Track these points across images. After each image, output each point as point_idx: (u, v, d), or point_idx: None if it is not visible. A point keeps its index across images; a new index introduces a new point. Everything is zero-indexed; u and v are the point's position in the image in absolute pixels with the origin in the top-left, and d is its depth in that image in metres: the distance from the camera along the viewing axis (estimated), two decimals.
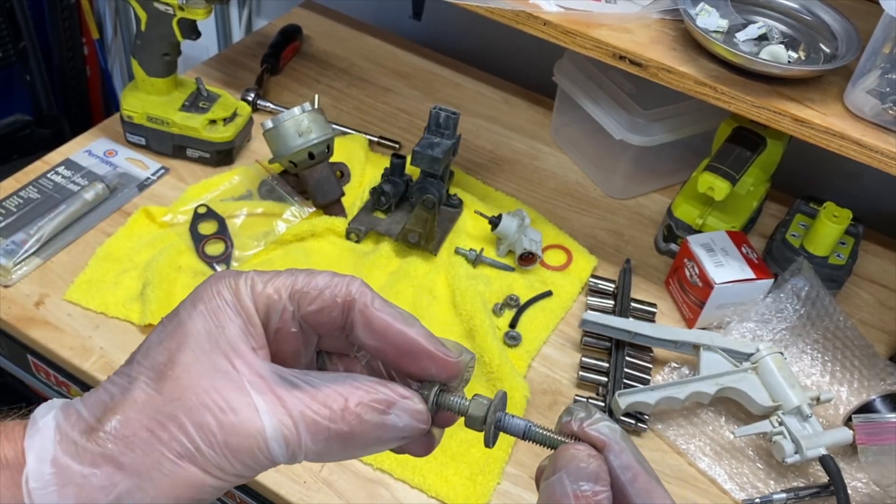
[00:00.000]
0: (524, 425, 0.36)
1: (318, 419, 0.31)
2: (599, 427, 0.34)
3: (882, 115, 0.81)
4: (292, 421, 0.31)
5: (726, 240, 0.97)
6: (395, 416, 0.33)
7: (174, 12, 0.99)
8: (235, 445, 0.30)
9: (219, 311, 0.32)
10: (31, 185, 1.04)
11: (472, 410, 0.35)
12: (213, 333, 0.32)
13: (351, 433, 0.32)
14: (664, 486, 0.34)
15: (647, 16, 0.92)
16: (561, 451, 0.34)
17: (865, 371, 0.93)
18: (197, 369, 0.31)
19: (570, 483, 0.32)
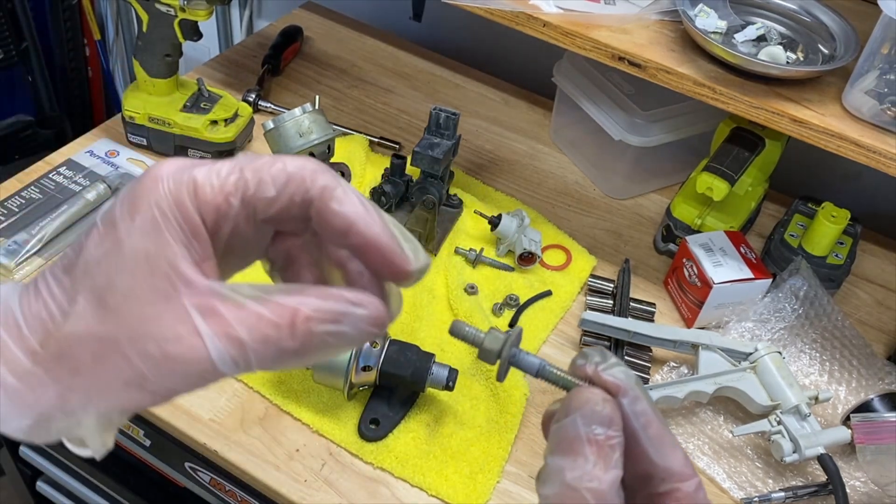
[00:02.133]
0: (538, 363, 0.35)
1: (265, 337, 0.30)
2: (614, 372, 0.33)
3: (880, 115, 0.81)
4: (238, 342, 0.29)
5: (725, 240, 0.97)
6: (348, 325, 0.31)
7: (176, 13, 0.99)
8: (182, 371, 0.29)
9: (158, 228, 0.30)
10: (32, 185, 1.05)
11: (486, 343, 0.34)
12: (152, 254, 0.30)
13: (302, 347, 0.30)
14: (674, 435, 0.33)
15: (646, 17, 0.93)
16: (575, 394, 0.33)
17: (864, 370, 0.93)
18: (137, 296, 0.29)
19: (584, 426, 0.31)
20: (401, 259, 0.32)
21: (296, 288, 0.31)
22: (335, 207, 0.31)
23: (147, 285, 0.30)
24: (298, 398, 0.85)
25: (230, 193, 0.31)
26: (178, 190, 0.30)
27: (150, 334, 0.29)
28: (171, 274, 0.30)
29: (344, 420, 0.84)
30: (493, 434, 0.84)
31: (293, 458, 0.81)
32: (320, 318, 0.30)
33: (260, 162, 0.31)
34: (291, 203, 0.31)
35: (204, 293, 0.30)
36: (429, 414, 0.85)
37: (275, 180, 0.31)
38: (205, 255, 0.31)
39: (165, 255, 0.30)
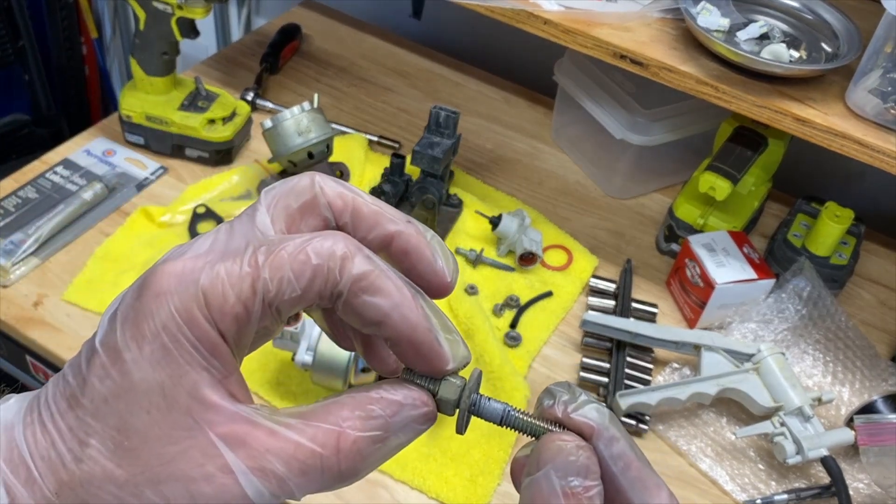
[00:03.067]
0: (502, 409, 0.32)
1: (306, 468, 0.27)
2: (586, 411, 0.30)
3: (884, 114, 0.81)
4: (275, 476, 0.27)
5: (728, 240, 0.97)
6: (397, 435, 0.28)
7: (173, 11, 0.98)
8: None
9: (170, 355, 0.26)
10: (29, 184, 1.04)
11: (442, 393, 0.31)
12: (167, 387, 0.26)
13: (353, 469, 0.28)
14: (656, 473, 0.31)
15: (648, 15, 0.92)
16: (545, 443, 0.30)
17: (867, 371, 0.92)
18: (156, 435, 0.26)
19: (559, 479, 0.29)
20: (437, 357, 0.29)
21: (333, 403, 0.28)
22: (367, 300, 0.28)
23: (167, 422, 0.26)
24: (297, 400, 0.84)
25: (248, 300, 0.27)
26: (187, 307, 0.26)
27: (175, 475, 0.26)
28: (193, 404, 0.27)
29: None
30: (494, 437, 0.83)
31: None
32: (369, 438, 0.28)
33: (281, 255, 0.27)
34: (319, 298, 0.28)
35: (233, 420, 0.27)
36: None
37: (299, 277, 0.27)
38: (228, 371, 0.27)
39: (183, 385, 0.26)
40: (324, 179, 0.30)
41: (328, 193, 0.30)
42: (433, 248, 0.31)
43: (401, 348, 0.29)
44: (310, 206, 0.30)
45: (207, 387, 0.27)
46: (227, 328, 0.27)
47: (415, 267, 0.30)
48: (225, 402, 0.27)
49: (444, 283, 0.31)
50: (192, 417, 0.26)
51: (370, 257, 0.28)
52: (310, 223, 0.30)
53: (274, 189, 0.30)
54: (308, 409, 0.28)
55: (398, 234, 0.30)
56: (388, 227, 0.30)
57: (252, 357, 0.86)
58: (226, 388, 0.27)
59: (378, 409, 0.28)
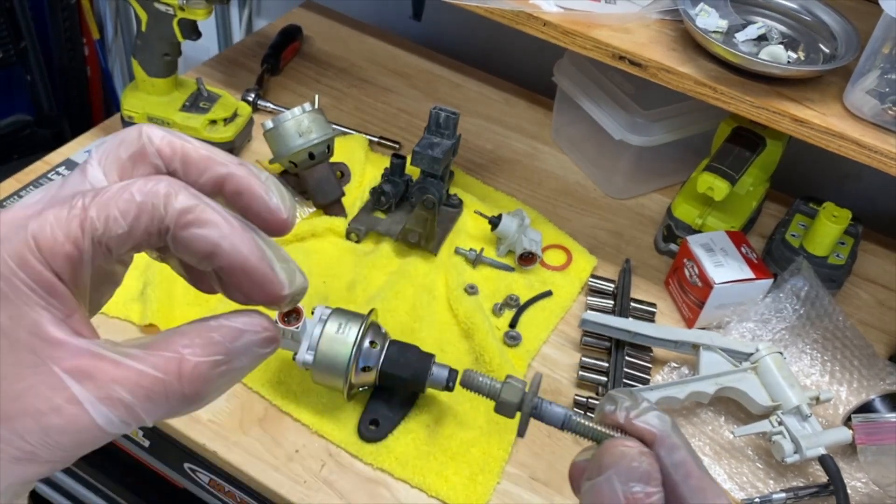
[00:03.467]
0: (563, 414, 0.32)
1: (151, 393, 0.28)
2: (648, 418, 0.31)
3: (881, 115, 0.81)
4: (123, 403, 0.27)
5: (726, 240, 0.97)
6: (240, 358, 0.29)
7: (175, 12, 0.99)
8: (71, 441, 0.27)
9: (7, 298, 0.27)
10: (31, 185, 1.04)
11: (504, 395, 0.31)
12: (8, 328, 0.27)
13: (197, 393, 0.29)
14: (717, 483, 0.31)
15: (647, 16, 0.93)
16: (608, 448, 0.30)
17: (865, 371, 0.93)
18: (2, 374, 0.27)
19: (620, 484, 0.29)
20: (272, 284, 0.30)
21: (174, 332, 0.29)
22: (195, 232, 0.28)
23: (11, 360, 0.27)
24: (298, 399, 0.85)
25: (77, 239, 0.28)
26: (19, 250, 0.27)
27: (25, 410, 0.27)
28: (37, 342, 0.27)
29: (343, 421, 0.84)
30: (494, 435, 0.84)
31: (292, 458, 0.81)
32: (210, 363, 0.29)
33: (105, 195, 0.28)
34: (148, 234, 0.29)
35: (77, 354, 0.28)
36: (429, 415, 0.85)
37: (124, 214, 0.28)
38: (69, 309, 0.28)
39: (23, 324, 0.27)
40: (151, 129, 0.31)
41: (156, 142, 0.31)
42: (267, 187, 0.31)
43: (236, 279, 0.30)
44: (139, 155, 0.31)
45: (49, 324, 0.28)
46: (61, 268, 0.28)
47: (250, 207, 0.31)
48: (68, 337, 0.28)
49: (280, 219, 0.31)
50: (37, 354, 0.27)
51: (196, 195, 0.29)
52: (141, 172, 0.31)
53: (104, 142, 0.31)
54: (151, 340, 0.29)
55: (229, 175, 0.31)
56: (218, 170, 0.31)
57: None
58: (69, 325, 0.28)
59: (217, 336, 0.29)
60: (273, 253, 0.30)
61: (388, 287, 0.96)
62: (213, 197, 0.30)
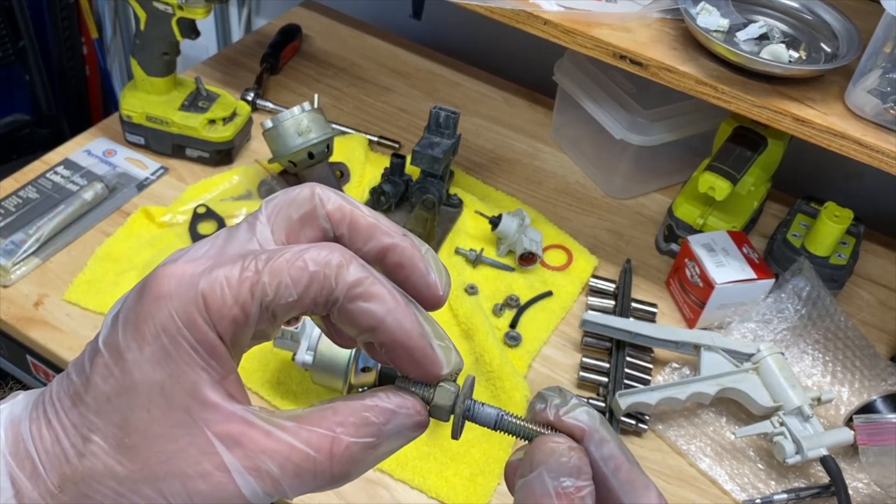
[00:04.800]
0: (496, 414, 0.33)
1: (300, 470, 0.28)
2: (577, 414, 0.31)
3: (883, 114, 0.81)
4: (271, 478, 0.27)
5: (727, 240, 0.97)
6: (390, 441, 0.29)
7: (173, 11, 0.99)
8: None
9: (170, 356, 0.27)
10: (30, 184, 1.04)
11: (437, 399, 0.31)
12: (167, 387, 0.27)
13: (344, 473, 0.28)
14: (646, 474, 0.32)
15: (648, 15, 0.92)
16: (538, 445, 0.31)
17: (866, 371, 0.93)
18: (156, 433, 0.27)
19: (551, 479, 0.30)
20: (431, 363, 0.30)
21: (328, 408, 0.29)
22: (361, 306, 0.28)
23: (166, 420, 0.27)
24: (297, 399, 0.84)
25: (246, 304, 0.28)
26: (187, 309, 0.27)
27: (173, 473, 0.27)
28: (192, 403, 0.27)
29: None
30: (494, 436, 0.83)
31: None
32: (362, 445, 0.28)
33: (279, 262, 0.28)
34: (315, 304, 0.29)
35: (229, 419, 0.27)
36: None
37: (296, 283, 0.28)
38: (226, 371, 0.28)
39: (182, 384, 0.27)
40: (324, 191, 0.31)
41: (327, 205, 0.31)
42: (427, 261, 0.31)
43: (395, 354, 0.30)
44: (309, 217, 0.30)
45: (206, 386, 0.27)
46: (225, 330, 0.28)
47: (408, 279, 0.31)
48: (223, 401, 0.28)
49: (436, 295, 0.31)
50: (191, 416, 0.27)
51: (364, 266, 0.29)
52: (308, 234, 0.31)
53: (275, 199, 0.31)
54: (304, 413, 0.29)
55: (393, 246, 0.31)
56: (383, 240, 0.31)
57: (252, 357, 0.86)
58: (224, 388, 0.28)
59: (372, 417, 0.29)
60: (432, 330, 0.30)
61: None
62: (371, 264, 0.30)
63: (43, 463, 0.28)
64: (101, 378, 0.28)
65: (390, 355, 0.30)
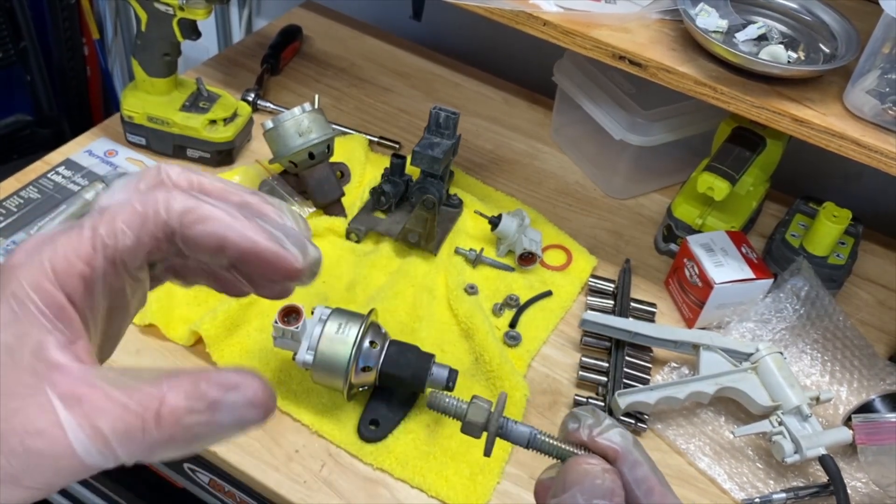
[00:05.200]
0: (529, 433, 0.33)
1: (128, 429, 0.28)
2: (611, 436, 0.32)
3: (881, 115, 0.81)
4: (102, 435, 0.27)
5: (726, 240, 0.97)
6: (223, 413, 0.29)
7: (174, 12, 0.99)
8: (51, 466, 0.27)
9: (17, 318, 0.28)
10: (31, 185, 1.04)
11: (470, 416, 0.32)
12: (13, 348, 0.28)
13: (171, 439, 0.28)
14: (677, 497, 0.32)
15: (647, 16, 0.93)
16: (572, 465, 0.31)
17: (865, 371, 0.93)
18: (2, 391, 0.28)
19: (584, 501, 0.30)
20: (286, 260, 0.30)
21: (169, 372, 0.29)
22: (200, 228, 0.29)
23: (11, 380, 0.28)
24: (298, 399, 0.85)
25: (89, 257, 0.29)
26: (34, 274, 0.28)
27: (13, 429, 0.27)
28: (37, 364, 0.28)
29: (343, 421, 0.83)
30: None
31: (292, 458, 0.81)
32: (188, 408, 0.28)
33: (111, 212, 0.29)
34: (156, 240, 0.29)
35: (73, 380, 0.28)
36: (429, 415, 0.85)
37: (129, 225, 0.29)
38: (74, 334, 0.29)
39: (28, 344, 0.28)
40: (168, 167, 0.32)
41: (173, 178, 0.32)
42: (280, 212, 0.32)
43: (250, 266, 0.30)
44: (156, 187, 0.32)
45: (52, 348, 0.28)
46: (75, 289, 0.29)
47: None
48: (69, 362, 0.28)
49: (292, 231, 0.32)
50: (36, 376, 0.28)
51: (194, 196, 0.30)
52: None
53: (122, 178, 0.32)
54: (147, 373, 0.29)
55: (243, 203, 0.32)
56: (232, 199, 0.32)
57: (253, 356, 0.87)
58: (72, 351, 0.29)
59: (204, 385, 0.29)
60: (281, 232, 0.31)
61: (388, 287, 0.96)
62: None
63: None
64: None
65: (248, 268, 0.31)
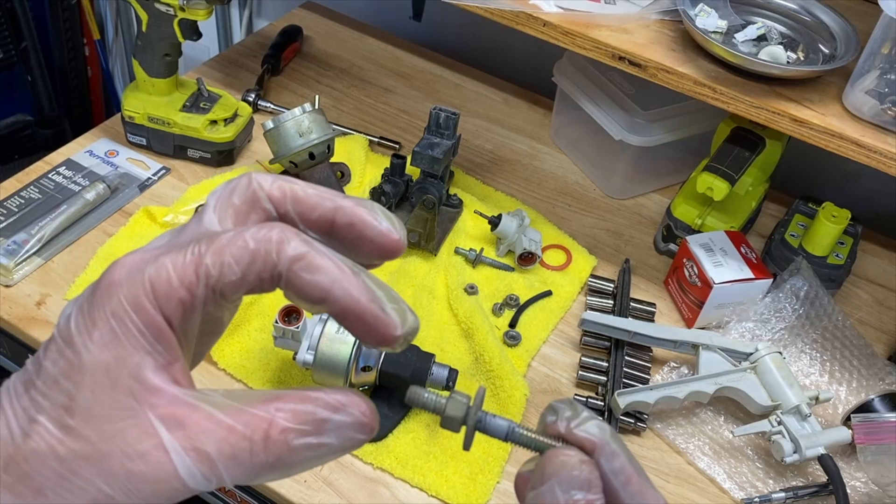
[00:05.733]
0: (507, 426, 0.33)
1: (236, 452, 0.28)
2: (588, 427, 0.32)
3: (880, 115, 0.81)
4: (208, 458, 0.27)
5: (725, 240, 0.97)
6: (330, 436, 0.29)
7: (175, 13, 0.99)
8: (151, 490, 0.27)
9: (116, 338, 0.28)
10: (32, 185, 1.05)
11: (448, 410, 0.32)
12: (112, 368, 0.28)
13: (279, 462, 0.28)
14: (655, 487, 0.32)
15: (647, 16, 0.93)
16: (549, 458, 0.31)
17: (864, 371, 0.93)
18: (99, 413, 0.28)
19: (562, 492, 0.30)
20: (385, 325, 0.30)
21: (273, 394, 0.29)
22: (307, 278, 0.29)
23: (109, 401, 0.28)
24: None
25: (192, 285, 0.28)
26: (135, 294, 0.28)
27: (113, 453, 0.27)
28: (135, 385, 0.28)
29: None
30: None
31: None
32: (298, 431, 0.28)
33: (220, 242, 0.29)
34: (260, 280, 0.29)
35: (172, 402, 0.28)
36: (429, 414, 0.85)
37: (238, 261, 0.29)
38: (172, 357, 0.29)
39: (126, 366, 0.28)
40: (260, 176, 0.32)
41: (266, 188, 0.32)
42: (374, 213, 0.32)
43: (348, 322, 0.30)
44: (251, 201, 0.31)
45: (150, 370, 0.28)
46: (173, 312, 0.28)
47: (363, 234, 0.32)
48: (167, 385, 0.28)
49: (393, 240, 0.32)
50: (134, 398, 0.28)
51: (307, 241, 0.29)
52: (254, 218, 0.32)
53: (217, 191, 0.32)
54: (249, 395, 0.29)
55: (338, 208, 0.32)
56: (326, 205, 0.32)
57: (253, 356, 0.87)
58: (169, 373, 0.28)
59: (312, 406, 0.29)
60: (384, 294, 0.30)
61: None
62: (326, 233, 0.31)
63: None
64: (52, 362, 0.29)
65: (345, 325, 0.30)
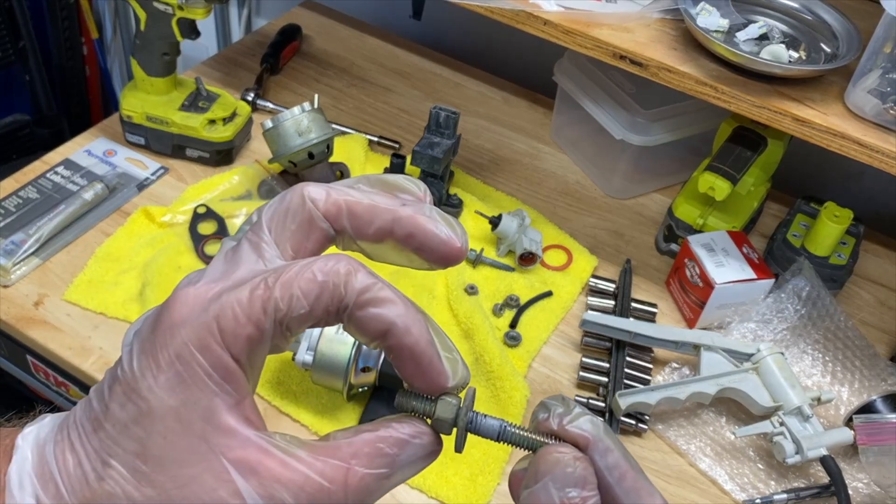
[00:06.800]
0: (499, 426, 0.33)
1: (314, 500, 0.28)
2: (581, 423, 0.31)
3: (883, 114, 0.81)
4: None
5: (727, 240, 0.97)
6: (403, 471, 0.30)
7: (173, 12, 0.99)
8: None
9: (184, 383, 0.28)
10: (30, 184, 1.04)
11: (439, 412, 0.32)
12: (182, 413, 0.27)
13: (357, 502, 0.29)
14: (651, 482, 0.32)
15: (648, 15, 0.92)
16: (543, 455, 0.31)
17: (866, 371, 0.93)
18: (171, 459, 0.28)
19: (557, 490, 0.30)
20: (437, 373, 0.30)
21: (345, 434, 0.29)
22: (372, 311, 0.29)
23: (182, 447, 0.28)
24: (297, 399, 0.85)
25: (259, 321, 0.28)
26: (200, 335, 0.28)
27: (188, 499, 0.27)
28: (207, 429, 0.28)
29: (343, 421, 0.83)
30: None
31: None
32: (376, 475, 0.29)
33: (288, 276, 0.28)
34: (327, 313, 0.29)
35: (245, 445, 0.28)
36: None
37: (306, 295, 0.28)
38: (241, 395, 0.28)
39: (197, 410, 0.28)
40: (313, 191, 0.31)
41: (320, 206, 0.31)
42: (434, 220, 0.31)
43: (402, 362, 0.30)
44: (307, 223, 0.31)
45: (221, 412, 0.28)
46: (241, 351, 0.28)
47: (423, 244, 0.31)
48: (239, 426, 0.28)
49: (455, 247, 0.31)
50: (207, 442, 0.28)
51: (372, 273, 0.29)
52: (312, 239, 0.31)
53: (270, 211, 0.31)
54: (320, 443, 0.29)
55: (397, 219, 0.31)
56: (385, 217, 0.31)
57: None
58: (240, 412, 0.28)
59: (386, 448, 0.29)
60: (440, 341, 0.30)
61: None
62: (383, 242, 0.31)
63: (65, 485, 0.28)
64: (119, 406, 0.28)
65: (398, 362, 0.30)
